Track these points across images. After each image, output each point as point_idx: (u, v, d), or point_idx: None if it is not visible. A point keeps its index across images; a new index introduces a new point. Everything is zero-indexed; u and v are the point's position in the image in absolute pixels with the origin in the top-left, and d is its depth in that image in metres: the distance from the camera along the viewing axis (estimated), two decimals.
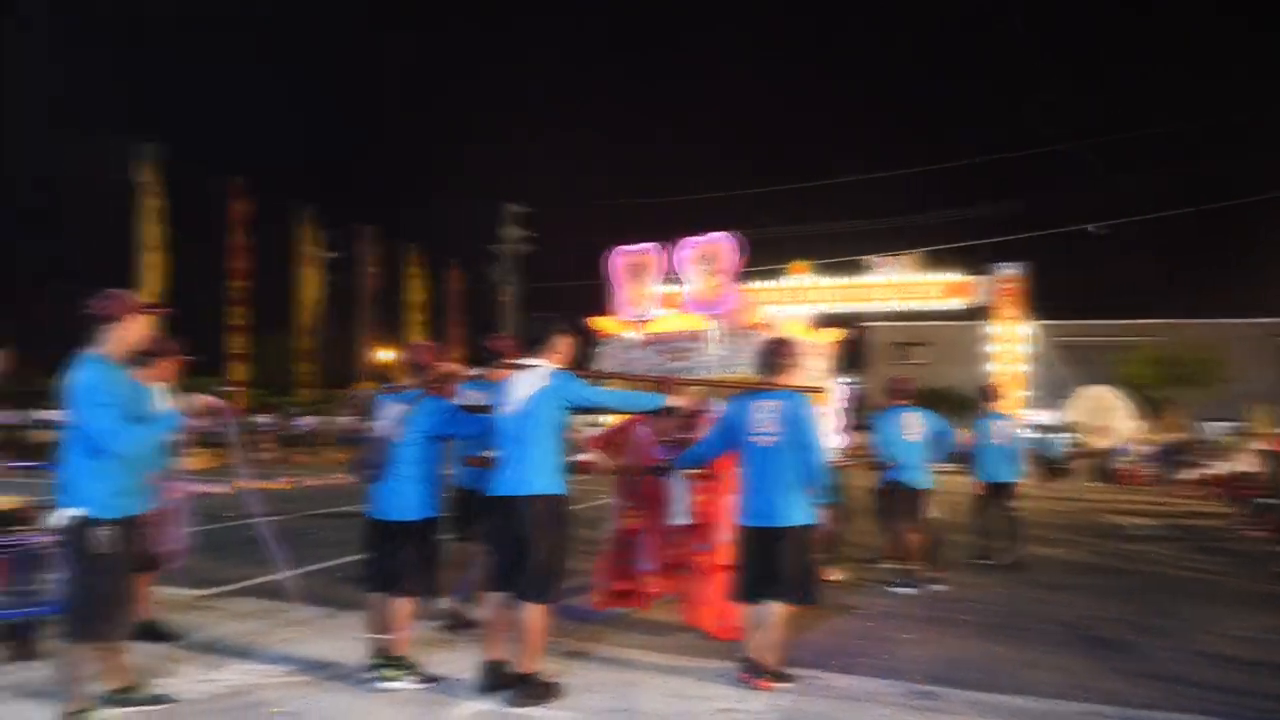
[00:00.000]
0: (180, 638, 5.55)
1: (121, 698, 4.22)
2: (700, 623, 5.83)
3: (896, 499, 7.74)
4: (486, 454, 4.84)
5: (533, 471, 4.50)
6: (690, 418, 5.97)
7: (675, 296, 6.42)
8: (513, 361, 4.87)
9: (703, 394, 5.71)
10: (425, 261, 34.38)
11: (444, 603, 5.88)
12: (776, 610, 4.80)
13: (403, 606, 4.76)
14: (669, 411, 5.00)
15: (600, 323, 6.48)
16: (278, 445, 27.92)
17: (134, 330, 4.16)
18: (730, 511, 5.52)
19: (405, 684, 4.68)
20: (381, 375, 28.87)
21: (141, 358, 5.21)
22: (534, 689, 4.46)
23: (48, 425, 21.38)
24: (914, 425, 7.78)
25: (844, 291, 30.07)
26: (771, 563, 4.79)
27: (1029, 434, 24.96)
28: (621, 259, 6.29)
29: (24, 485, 5.56)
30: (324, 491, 15.90)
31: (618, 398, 5.10)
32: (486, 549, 4.76)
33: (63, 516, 3.94)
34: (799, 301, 28.89)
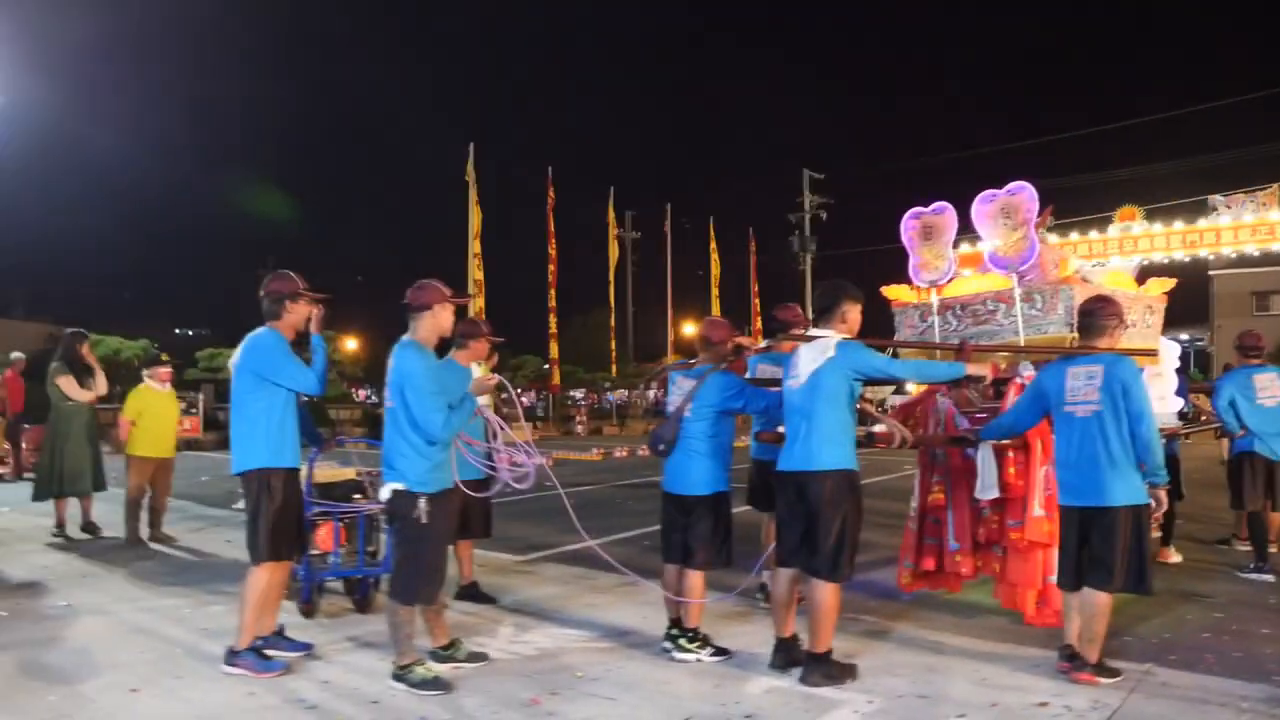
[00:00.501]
0: (497, 600, 5.98)
1: (446, 654, 4.60)
2: (1015, 605, 5.38)
3: (1250, 471, 6.71)
4: (779, 429, 4.75)
5: (821, 446, 4.33)
6: (998, 385, 5.51)
7: (975, 257, 5.92)
8: (799, 333, 4.72)
9: (1009, 360, 5.24)
10: (724, 234, 34.83)
11: (758, 576, 5.89)
12: (1101, 598, 4.29)
13: (696, 579, 4.79)
14: (969, 380, 4.61)
15: (894, 290, 6.12)
16: (589, 418, 29.56)
17: (445, 316, 4.49)
18: (1045, 485, 5.03)
19: (700, 656, 4.72)
20: (687, 349, 29.70)
21: (458, 340, 5.67)
22: (827, 668, 4.31)
23: None
24: (1269, 386, 6.68)
25: (1185, 236, 26.57)
26: (1095, 546, 4.28)
27: None
28: (913, 221, 5.88)
29: (369, 457, 6.21)
30: (631, 463, 16.65)
31: (911, 367, 4.78)
32: (778, 524, 4.66)
33: (386, 490, 4.34)
34: (1131, 252, 25.92)
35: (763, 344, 5.84)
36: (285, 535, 4.62)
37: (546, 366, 29.29)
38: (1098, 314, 4.48)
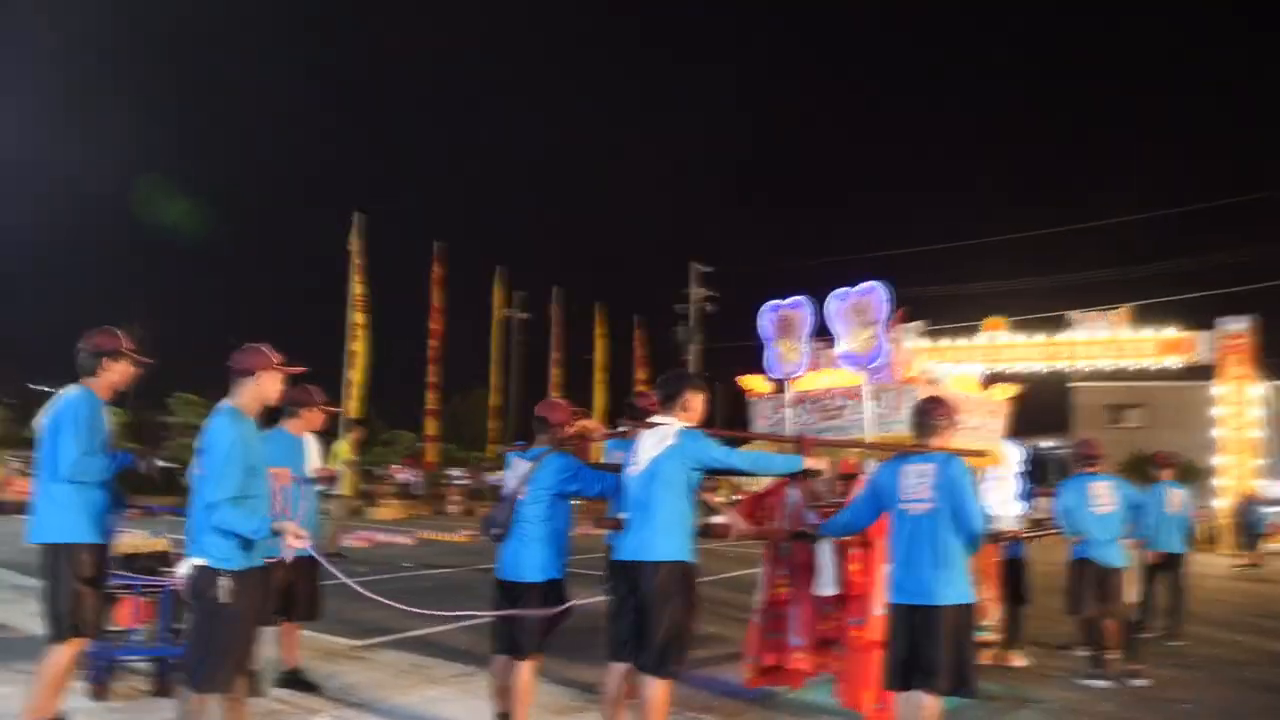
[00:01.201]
0: (320, 689, 5.57)
1: None
2: (855, 706, 5.30)
3: (1086, 577, 6.89)
4: (620, 515, 4.62)
5: (656, 536, 4.23)
6: (847, 480, 5.55)
7: (827, 353, 6.02)
8: (642, 420, 4.65)
9: (855, 455, 5.28)
10: (612, 320, 35.07)
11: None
12: (929, 701, 4.25)
13: (525, 671, 4.56)
14: (808, 474, 4.61)
15: (750, 380, 6.16)
16: (465, 498, 28.85)
17: (269, 384, 4.20)
18: (887, 583, 5.03)
19: None
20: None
21: (288, 409, 5.40)
22: None
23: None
24: (1104, 494, 6.93)
25: (1046, 349, 28.09)
26: (921, 646, 4.26)
27: (1268, 506, 22.31)
28: (772, 314, 5.96)
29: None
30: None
31: (750, 459, 4.73)
32: (609, 615, 4.50)
33: (185, 565, 4.00)
34: (994, 361, 27.23)
35: (618, 430, 5.74)
36: (92, 610, 4.23)
37: (420, 444, 28.56)
38: (930, 414, 4.55)
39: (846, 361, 5.61)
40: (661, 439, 4.31)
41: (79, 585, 4.22)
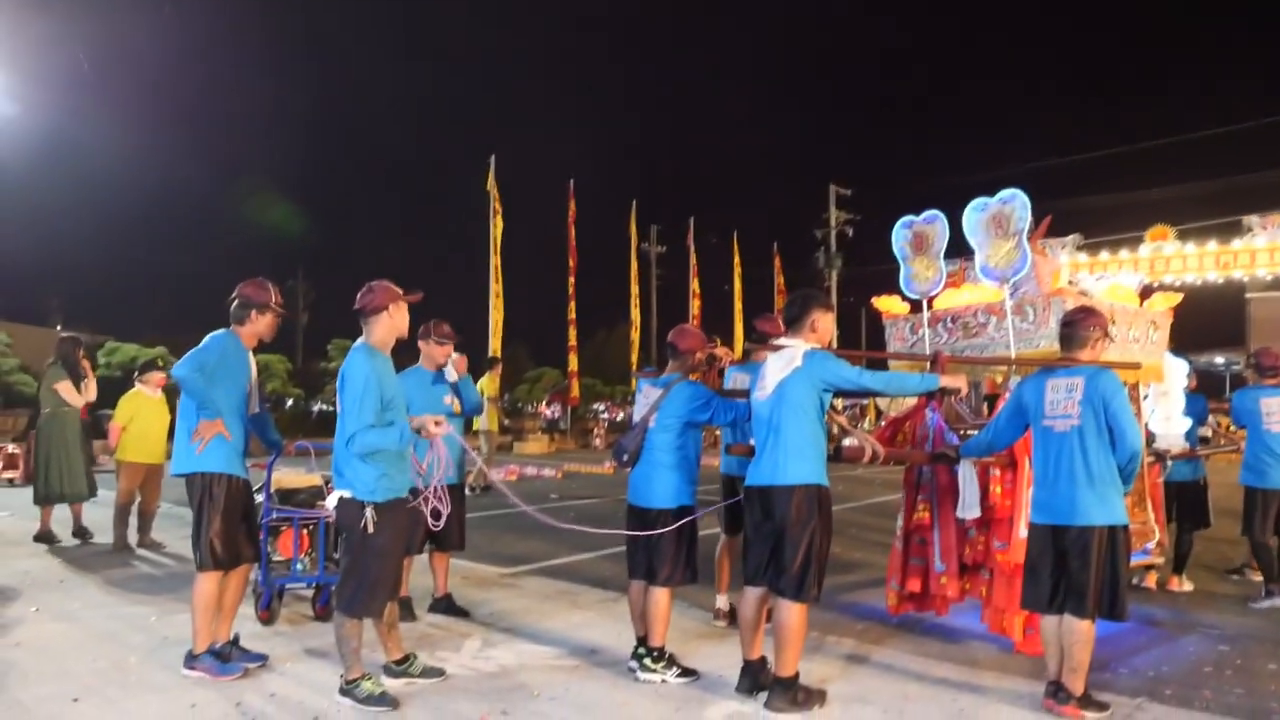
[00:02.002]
0: (470, 614, 5.81)
1: (400, 669, 4.43)
2: (1003, 631, 5.13)
3: (1262, 497, 6.39)
4: (750, 442, 4.56)
5: (788, 460, 4.14)
6: (991, 401, 5.29)
7: (962, 270, 5.72)
8: (769, 343, 4.53)
9: (998, 374, 5.01)
10: (749, 249, 34.60)
11: (721, 599, 5.70)
12: (1080, 625, 4.04)
13: (661, 596, 4.60)
14: (944, 393, 4.39)
15: (885, 302, 5.92)
16: (608, 432, 29.40)
17: (400, 317, 4.34)
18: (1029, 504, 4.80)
19: (665, 677, 4.52)
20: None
21: (438, 341, 5.58)
22: (793, 694, 4.10)
23: None
24: (1277, 411, 6.35)
25: (1218, 257, 25.94)
26: (1070, 569, 4.04)
27: None
28: (905, 230, 5.67)
29: None
30: None
31: (883, 379, 4.54)
32: (744, 541, 4.47)
33: (333, 498, 4.20)
34: (1163, 273, 25.35)
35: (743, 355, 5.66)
36: (228, 543, 4.50)
37: (564, 380, 29.16)
38: (1079, 325, 4.24)
39: (987, 276, 5.30)
40: (788, 361, 4.19)
41: (217, 517, 4.48)
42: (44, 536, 8.43)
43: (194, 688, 4.33)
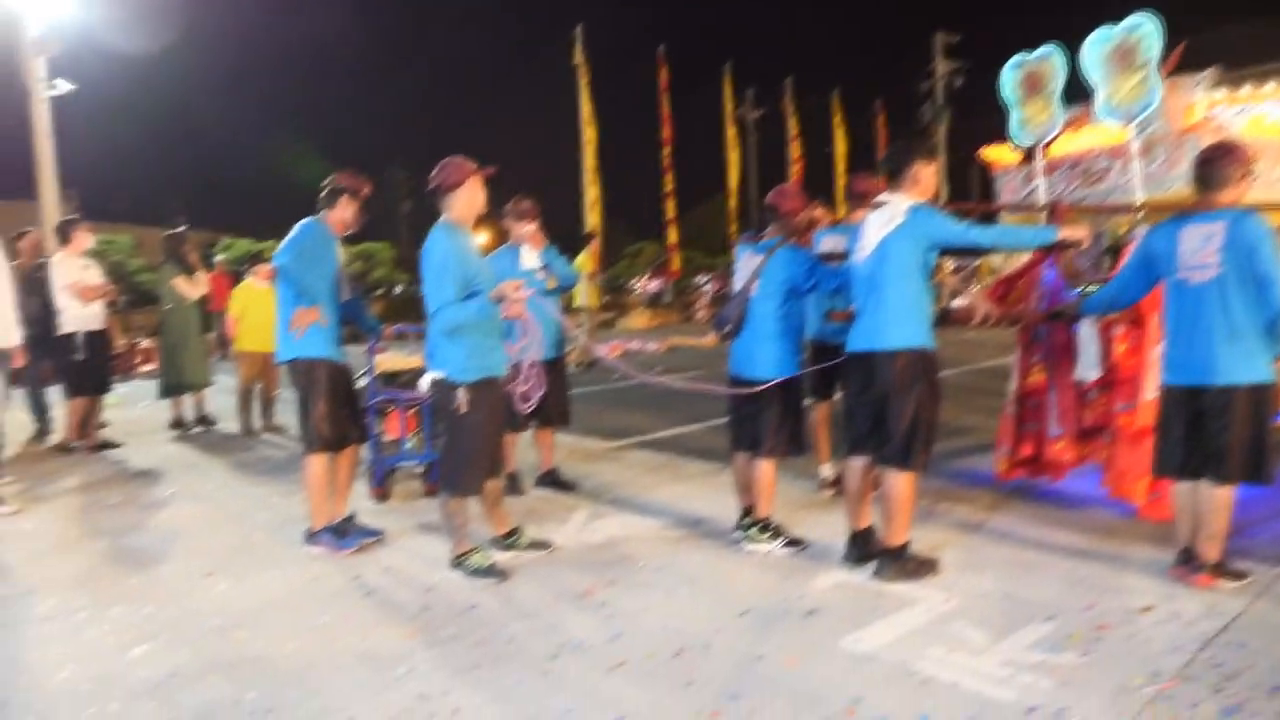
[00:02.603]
0: (576, 487, 5.89)
1: (507, 542, 4.54)
2: (1126, 497, 4.90)
3: None
4: (850, 308, 4.36)
5: (891, 322, 3.93)
6: (1114, 253, 4.92)
7: (1084, 113, 5.23)
8: (868, 201, 4.26)
9: (1122, 222, 4.63)
10: (850, 108, 33.11)
11: (827, 468, 5.62)
12: (1219, 492, 3.78)
13: (766, 467, 4.53)
14: (1063, 246, 4.06)
15: (993, 152, 5.50)
16: (710, 304, 29.21)
17: (476, 192, 4.25)
18: (1159, 363, 4.48)
19: (771, 547, 4.50)
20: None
21: (515, 218, 5.49)
22: (902, 563, 4.02)
23: None
24: None
25: None
26: (1210, 431, 3.76)
27: None
28: (1015, 71, 5.19)
29: None
30: None
31: (994, 233, 4.20)
32: (846, 409, 4.33)
33: (426, 380, 4.22)
34: None
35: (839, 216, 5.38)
36: (333, 424, 4.61)
37: (664, 253, 28.92)
38: (1218, 163, 3.79)
39: (1110, 116, 4.83)
40: (890, 218, 3.93)
41: (320, 400, 4.58)
42: (177, 424, 8.91)
43: (314, 562, 4.53)
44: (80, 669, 3.35)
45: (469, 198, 4.21)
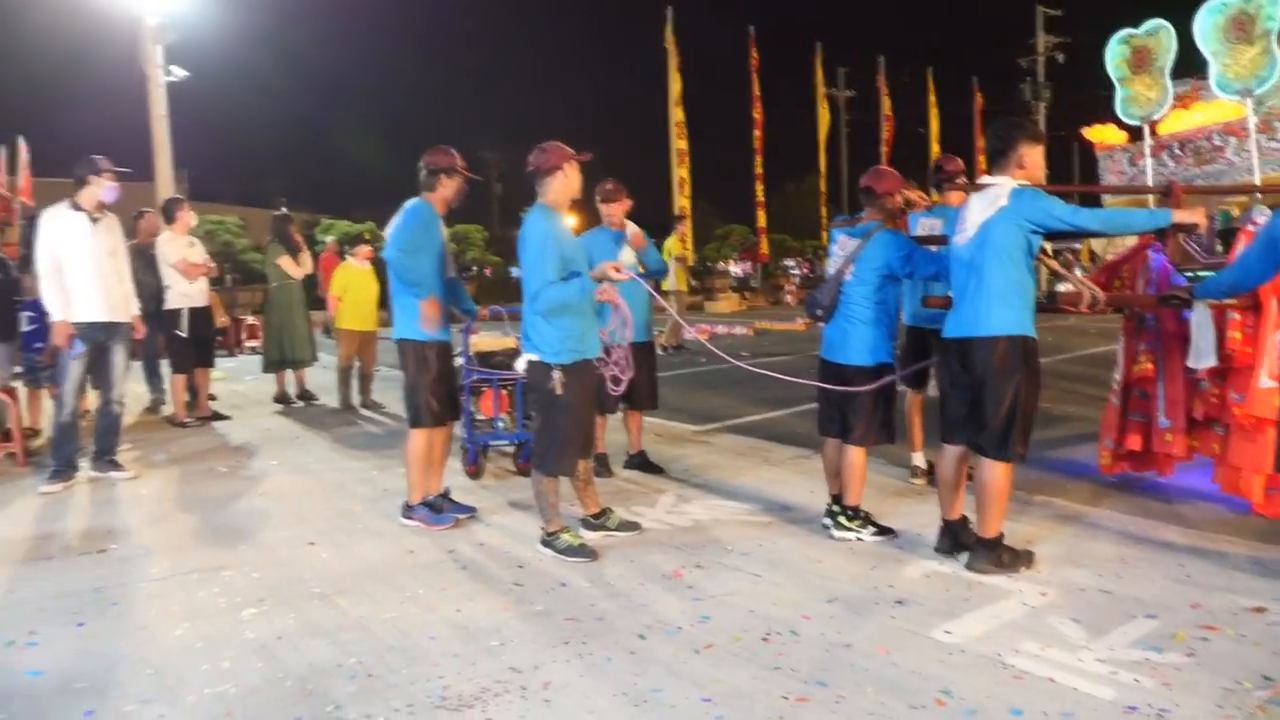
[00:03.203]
0: (664, 470, 5.92)
1: (597, 523, 4.59)
2: (1239, 492, 4.69)
3: None
4: (948, 294, 4.26)
5: (991, 308, 3.82)
6: (1226, 236, 4.70)
7: (1195, 89, 4.99)
8: (968, 182, 4.16)
9: (1239, 204, 4.42)
10: (944, 85, 32.27)
11: (917, 456, 5.53)
12: None
13: (856, 455, 4.48)
14: (1178, 230, 3.88)
15: (1098, 131, 5.29)
16: (800, 288, 28.91)
17: (574, 176, 4.30)
18: (1277, 352, 4.27)
19: (860, 535, 4.45)
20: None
21: (603, 199, 5.52)
22: (996, 554, 3.93)
23: None
24: None
25: None
26: None
27: None
28: (1121, 46, 4.98)
29: None
30: None
31: (1104, 217, 4.05)
32: (941, 396, 4.24)
33: (522, 361, 4.29)
34: None
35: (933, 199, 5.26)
36: (438, 401, 4.73)
37: (753, 236, 28.73)
38: None
39: (1225, 91, 4.58)
40: (993, 201, 3.82)
41: (427, 379, 4.70)
42: (281, 398, 9.26)
43: (411, 535, 4.67)
44: (193, 627, 3.53)
45: (565, 182, 4.26)
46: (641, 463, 5.96)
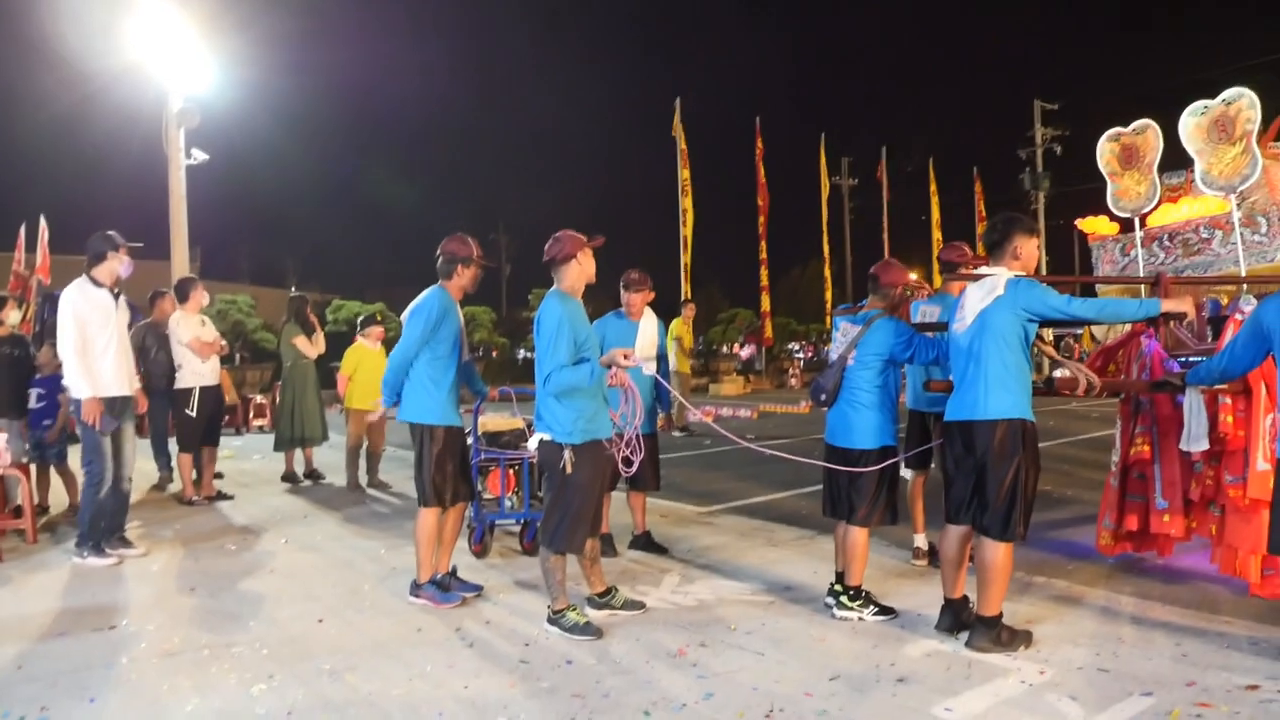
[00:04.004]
0: (668, 550, 5.98)
1: (602, 601, 4.65)
2: (1237, 573, 4.75)
3: None
4: (949, 378, 4.41)
5: (990, 393, 3.97)
6: (1216, 324, 4.86)
7: (1189, 182, 5.21)
8: (967, 272, 4.34)
9: (1226, 294, 4.58)
10: (946, 175, 32.99)
11: (919, 538, 5.59)
12: None
13: (859, 535, 4.56)
14: (1168, 319, 4.04)
15: (1091, 223, 5.51)
16: (804, 371, 29.08)
17: (587, 263, 4.48)
18: (1270, 434, 4.38)
19: (862, 614, 4.50)
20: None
21: (624, 286, 5.70)
22: (995, 633, 3.98)
23: None
24: None
25: None
26: None
27: None
28: (1111, 144, 5.23)
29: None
30: None
31: (1096, 306, 4.22)
32: (945, 478, 4.35)
33: (534, 440, 4.42)
34: None
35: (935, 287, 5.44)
36: (446, 482, 4.83)
37: (758, 320, 29.02)
38: None
39: (1209, 187, 4.81)
40: (990, 290, 4.00)
41: (435, 459, 4.81)
42: (289, 477, 9.35)
43: (419, 613, 4.72)
44: (204, 702, 3.58)
45: (579, 270, 4.46)
46: (646, 543, 6.02)
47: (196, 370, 8.11)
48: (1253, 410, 4.49)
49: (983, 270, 4.17)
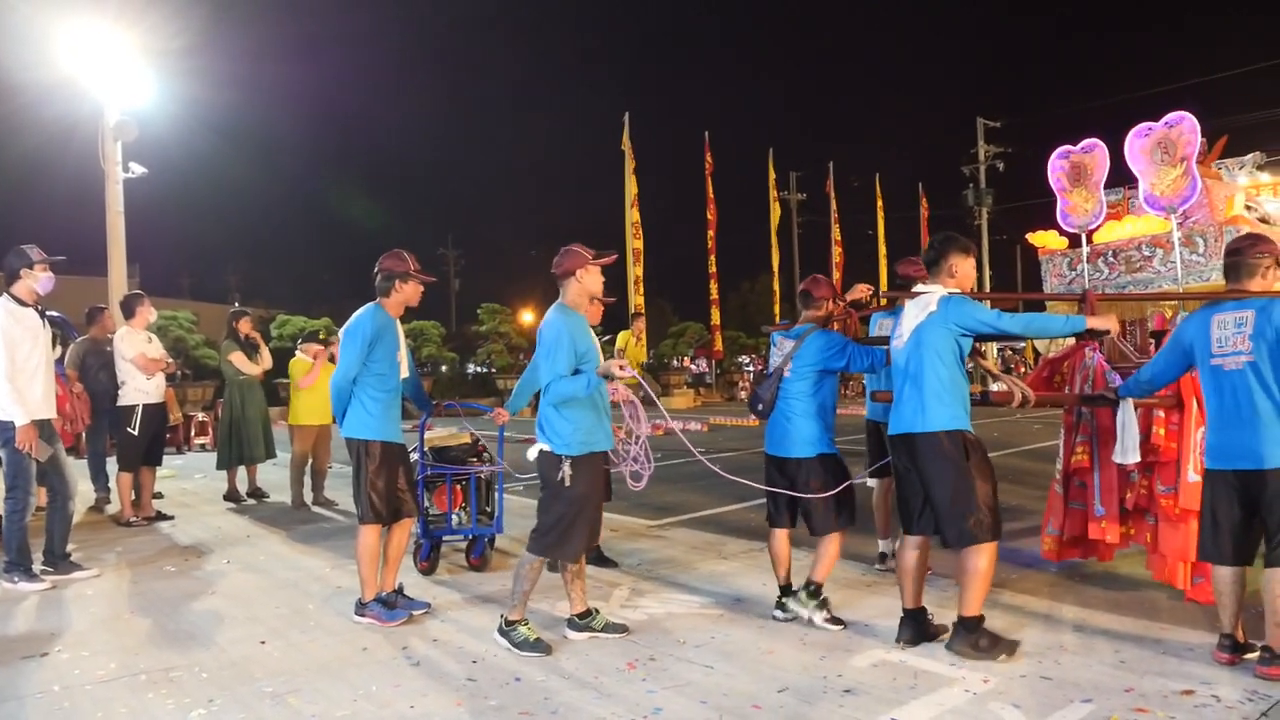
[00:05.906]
0: (619, 564, 5.97)
1: (582, 623, 4.56)
2: (1170, 580, 4.88)
3: None
4: (889, 390, 4.49)
5: (927, 406, 4.05)
6: (1159, 337, 5.00)
7: (1126, 201, 5.38)
8: (907, 289, 4.43)
9: (1167, 310, 4.72)
10: (892, 191, 33.55)
11: (884, 544, 5.67)
12: (1275, 576, 3.77)
13: (830, 542, 4.61)
14: (1092, 335, 4.17)
15: (1041, 237, 5.65)
16: (753, 384, 29.30)
17: (591, 278, 4.50)
18: (1200, 447, 4.51)
19: (813, 616, 4.56)
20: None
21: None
22: (975, 638, 4.01)
23: None
24: None
25: None
26: (1262, 518, 3.78)
27: None
28: (1061, 161, 5.38)
29: (484, 422, 6.28)
30: None
31: (1023, 321, 4.31)
32: (897, 490, 4.42)
33: (533, 450, 4.42)
34: None
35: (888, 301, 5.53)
36: (386, 499, 4.78)
37: (708, 333, 29.21)
38: (1246, 253, 3.91)
39: (1152, 206, 4.97)
40: (924, 307, 4.09)
41: (373, 475, 4.77)
42: (231, 496, 9.15)
43: (365, 633, 4.65)
44: None
45: (581, 285, 4.49)
46: (597, 557, 6.00)
47: (140, 388, 7.88)
48: (1184, 423, 4.62)
49: (919, 288, 4.27)
